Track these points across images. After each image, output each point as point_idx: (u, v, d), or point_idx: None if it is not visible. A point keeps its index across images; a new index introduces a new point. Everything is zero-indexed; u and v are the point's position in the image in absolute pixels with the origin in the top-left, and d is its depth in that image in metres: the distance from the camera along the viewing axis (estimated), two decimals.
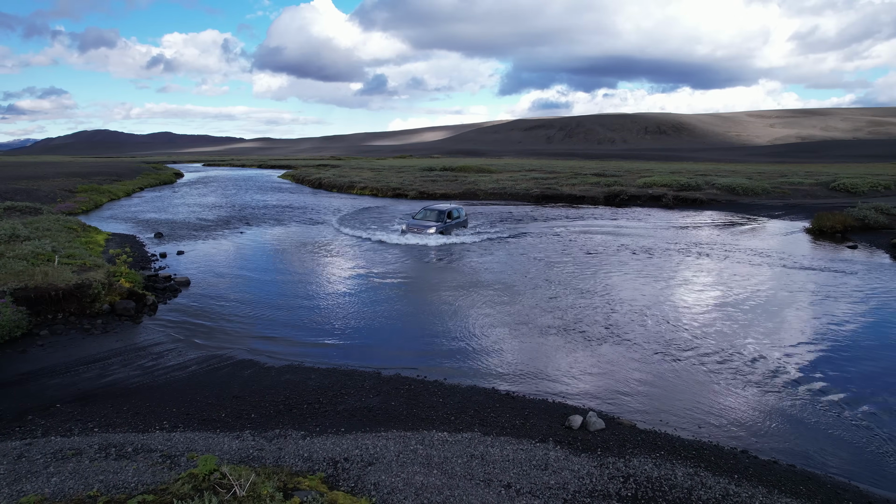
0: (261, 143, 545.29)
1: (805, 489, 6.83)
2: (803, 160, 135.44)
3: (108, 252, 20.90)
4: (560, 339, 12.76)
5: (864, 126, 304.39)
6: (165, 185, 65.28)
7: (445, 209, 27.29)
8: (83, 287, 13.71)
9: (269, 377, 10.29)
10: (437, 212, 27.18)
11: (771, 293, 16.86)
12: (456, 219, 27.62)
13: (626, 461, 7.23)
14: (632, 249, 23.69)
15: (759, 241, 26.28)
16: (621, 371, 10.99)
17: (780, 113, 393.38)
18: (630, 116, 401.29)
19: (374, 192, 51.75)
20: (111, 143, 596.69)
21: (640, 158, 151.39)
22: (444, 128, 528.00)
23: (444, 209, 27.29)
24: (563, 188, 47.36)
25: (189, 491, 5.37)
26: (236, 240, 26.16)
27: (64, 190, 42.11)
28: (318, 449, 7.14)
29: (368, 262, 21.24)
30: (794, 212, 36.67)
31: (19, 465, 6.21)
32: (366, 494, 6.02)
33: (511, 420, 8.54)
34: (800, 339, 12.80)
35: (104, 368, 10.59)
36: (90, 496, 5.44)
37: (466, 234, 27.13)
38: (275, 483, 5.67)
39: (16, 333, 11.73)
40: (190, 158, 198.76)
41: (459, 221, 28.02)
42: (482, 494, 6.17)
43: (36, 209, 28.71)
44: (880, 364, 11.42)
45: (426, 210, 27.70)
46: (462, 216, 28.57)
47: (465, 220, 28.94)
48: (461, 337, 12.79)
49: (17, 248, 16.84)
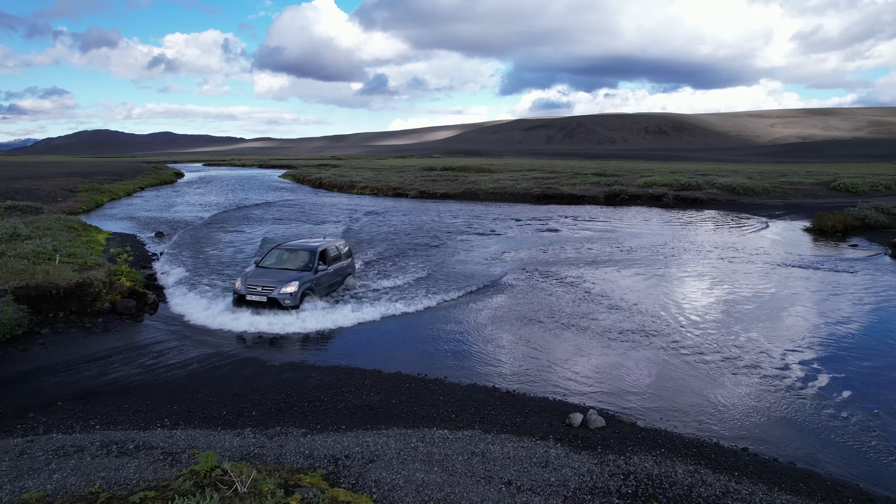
0: (263, 143, 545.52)
1: (805, 487, 6.84)
2: (804, 160, 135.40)
3: (109, 251, 20.93)
4: (560, 338, 12.77)
5: (865, 126, 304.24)
6: (166, 184, 65.35)
7: (316, 247, 15.96)
8: (84, 286, 13.72)
9: (269, 375, 10.31)
10: (305, 252, 15.83)
11: (771, 292, 16.86)
12: (334, 261, 16.52)
13: (627, 459, 7.24)
14: (632, 249, 23.69)
15: (760, 241, 26.28)
16: (622, 369, 11.00)
17: (781, 113, 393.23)
18: (631, 116, 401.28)
19: (375, 191, 51.80)
20: (112, 143, 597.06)
21: (640, 158, 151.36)
22: (445, 127, 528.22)
23: (314, 247, 15.98)
24: (564, 188, 47.35)
25: (190, 487, 5.39)
26: (236, 239, 26.16)
27: (65, 189, 42.15)
28: (319, 446, 7.15)
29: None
30: (795, 211, 36.66)
31: (21, 461, 6.22)
32: (367, 491, 6.03)
33: (511, 418, 8.55)
34: (800, 338, 12.80)
35: (105, 367, 10.61)
36: (92, 493, 5.45)
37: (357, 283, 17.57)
38: (276, 480, 5.68)
39: (17, 332, 11.75)
40: (190, 158, 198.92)
41: (338, 268, 16.73)
42: (483, 491, 6.18)
43: (37, 208, 28.73)
44: (880, 363, 11.42)
45: (283, 251, 16.16)
46: (342, 256, 17.35)
47: (350, 262, 17.95)
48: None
49: (18, 247, 16.87)
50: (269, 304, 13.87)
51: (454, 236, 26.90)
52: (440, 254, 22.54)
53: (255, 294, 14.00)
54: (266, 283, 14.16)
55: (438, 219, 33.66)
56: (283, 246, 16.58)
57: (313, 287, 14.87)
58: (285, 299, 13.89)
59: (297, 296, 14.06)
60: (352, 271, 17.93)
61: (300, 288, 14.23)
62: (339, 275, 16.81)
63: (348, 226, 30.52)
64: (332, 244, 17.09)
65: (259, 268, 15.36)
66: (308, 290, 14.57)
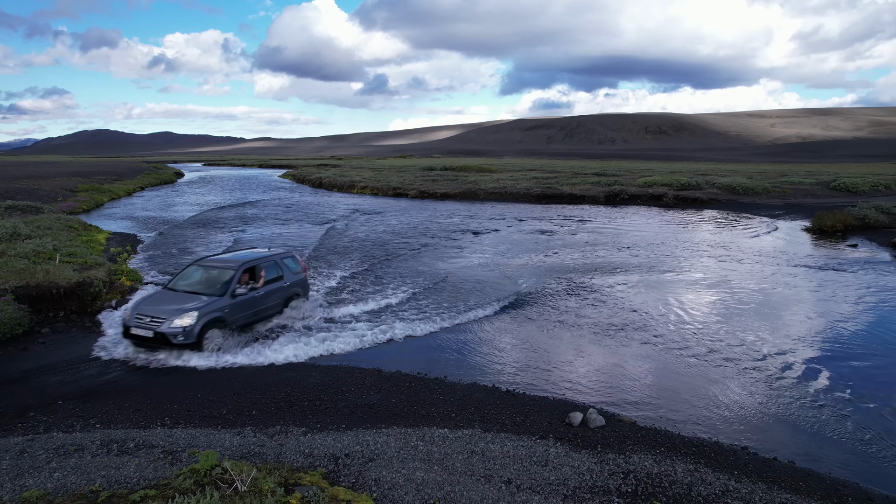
0: (263, 143, 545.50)
1: (805, 485, 6.85)
2: (804, 160, 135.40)
3: (110, 251, 20.94)
4: (560, 338, 12.78)
5: (865, 126, 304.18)
6: (166, 184, 65.37)
7: (239, 264, 12.50)
8: (84, 285, 13.74)
9: (269, 374, 10.31)
10: (225, 270, 12.39)
11: (771, 292, 16.87)
12: (275, 280, 13.04)
13: (627, 457, 7.25)
14: (631, 248, 23.69)
15: (760, 240, 26.28)
16: (621, 368, 11.01)
17: (781, 113, 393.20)
18: (631, 116, 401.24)
19: (375, 191, 51.80)
20: (112, 143, 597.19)
21: (640, 158, 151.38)
22: (445, 127, 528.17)
23: (236, 264, 12.50)
24: (564, 187, 47.34)
25: (191, 486, 5.40)
26: (236, 238, 26.17)
27: (65, 189, 42.16)
28: (319, 445, 7.16)
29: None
30: (795, 211, 36.65)
31: (21, 460, 6.23)
32: (367, 490, 6.04)
33: (511, 417, 8.55)
34: (800, 338, 12.81)
35: (105, 366, 10.62)
36: (92, 491, 5.46)
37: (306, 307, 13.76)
38: (276, 478, 5.69)
39: (17, 331, 11.77)
40: (191, 158, 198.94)
41: (275, 290, 12.96)
42: (483, 490, 6.19)
43: (37, 208, 28.74)
44: (880, 362, 11.43)
45: (199, 268, 12.80)
46: (286, 274, 13.47)
47: (300, 281, 13.94)
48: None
49: (18, 247, 16.88)
50: (156, 340, 10.72)
51: (453, 236, 26.89)
52: (437, 256, 22.53)
53: (142, 327, 10.80)
54: (158, 312, 10.91)
55: (438, 219, 33.65)
56: (202, 261, 13.09)
57: (225, 317, 11.47)
58: (177, 335, 10.65)
59: (193, 331, 10.75)
60: (301, 292, 13.85)
61: (201, 319, 10.90)
62: (276, 298, 12.95)
63: (340, 224, 30.49)
64: (269, 258, 13.26)
65: (165, 290, 12.21)
66: (216, 321, 11.24)
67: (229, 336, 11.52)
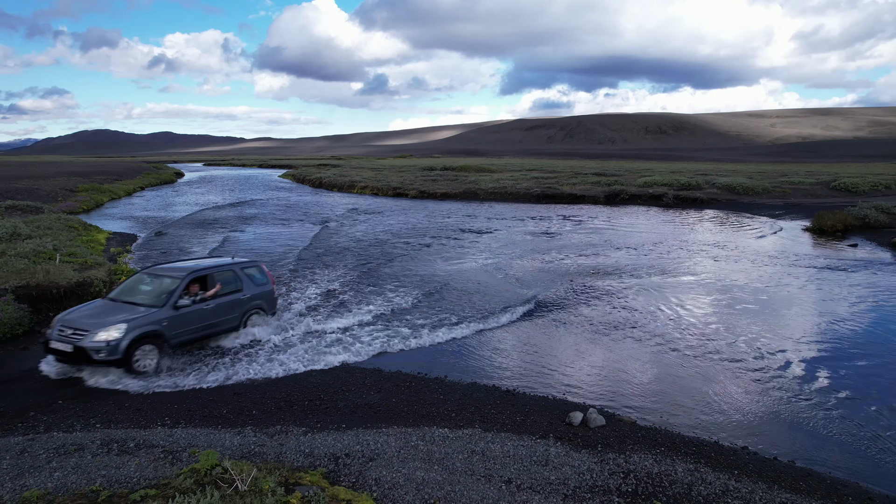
0: (263, 143, 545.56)
1: (805, 485, 6.85)
2: (804, 160, 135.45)
3: (110, 251, 20.95)
4: (560, 338, 12.78)
5: (865, 126, 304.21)
6: (166, 184, 65.41)
7: (186, 272, 11.23)
8: (85, 285, 13.75)
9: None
10: (169, 278, 11.18)
11: (771, 292, 16.88)
12: (233, 293, 11.76)
13: (627, 457, 7.25)
14: (631, 248, 23.70)
15: (760, 240, 26.28)
16: (622, 368, 11.01)
17: (781, 112, 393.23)
18: (631, 116, 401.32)
19: (375, 191, 51.82)
20: (112, 143, 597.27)
21: (640, 158, 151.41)
22: (445, 127, 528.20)
23: (183, 273, 11.24)
24: (564, 187, 47.35)
25: (191, 485, 5.40)
26: (236, 237, 26.18)
27: (65, 189, 42.17)
28: (320, 445, 7.16)
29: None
30: (795, 211, 36.66)
31: (22, 460, 6.24)
32: (367, 490, 6.04)
33: (512, 416, 8.55)
34: (800, 338, 12.81)
35: None
36: (92, 491, 5.47)
37: (273, 323, 12.53)
38: (276, 478, 5.69)
39: (18, 331, 11.78)
40: (191, 158, 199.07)
41: (229, 304, 11.59)
42: (483, 489, 6.19)
43: (37, 208, 28.75)
44: (880, 361, 11.43)
45: (145, 276, 11.73)
46: (246, 285, 12.09)
47: (265, 293, 12.51)
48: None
49: (18, 247, 16.88)
50: (76, 356, 9.56)
51: (453, 236, 26.89)
52: (437, 256, 22.53)
53: (62, 340, 9.62)
54: (81, 324, 9.75)
55: (438, 218, 33.65)
56: (149, 269, 12.01)
57: (163, 332, 10.17)
58: (99, 350, 9.42)
59: (119, 346, 9.52)
60: (264, 307, 12.43)
61: (129, 333, 9.65)
62: (231, 312, 11.59)
63: (335, 223, 30.49)
64: (226, 268, 11.98)
65: (106, 300, 11.03)
66: (150, 335, 9.96)
67: (170, 355, 10.29)
